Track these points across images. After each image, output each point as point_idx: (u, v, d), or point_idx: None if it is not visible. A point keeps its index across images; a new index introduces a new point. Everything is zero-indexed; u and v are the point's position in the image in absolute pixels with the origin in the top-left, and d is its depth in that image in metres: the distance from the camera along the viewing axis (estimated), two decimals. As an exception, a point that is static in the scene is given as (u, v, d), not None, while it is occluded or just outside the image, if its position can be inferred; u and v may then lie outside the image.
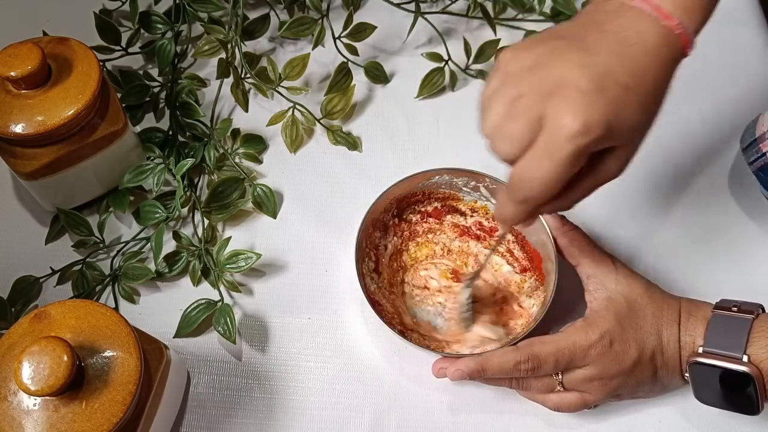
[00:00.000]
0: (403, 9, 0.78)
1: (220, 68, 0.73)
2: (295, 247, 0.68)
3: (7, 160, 0.62)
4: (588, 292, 0.59)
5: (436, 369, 0.59)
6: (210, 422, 0.62)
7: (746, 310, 0.56)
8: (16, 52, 0.58)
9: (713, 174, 0.72)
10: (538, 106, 0.45)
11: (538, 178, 0.46)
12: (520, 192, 0.48)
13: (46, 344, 0.47)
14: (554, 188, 0.47)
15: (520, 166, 0.47)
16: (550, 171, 0.45)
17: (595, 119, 0.44)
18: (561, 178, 0.46)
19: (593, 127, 0.44)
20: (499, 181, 0.64)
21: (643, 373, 0.57)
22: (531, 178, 0.46)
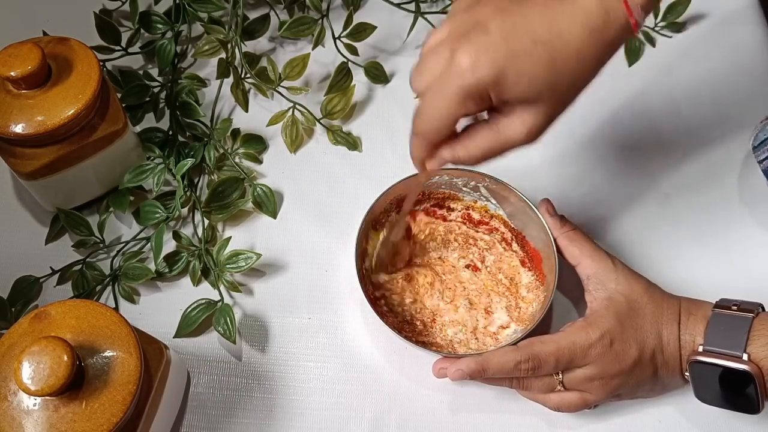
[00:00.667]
0: (403, 9, 0.78)
1: (220, 68, 0.73)
2: (295, 247, 0.68)
3: (7, 160, 0.62)
4: (588, 292, 0.59)
5: (437, 369, 0.59)
6: (210, 422, 0.62)
7: (746, 309, 0.56)
8: (16, 52, 0.58)
9: (713, 174, 0.72)
10: (452, 44, 0.46)
11: (429, 111, 0.48)
12: (416, 124, 0.49)
13: (46, 344, 0.47)
14: (443, 124, 0.48)
15: (420, 100, 0.48)
16: (439, 106, 0.47)
17: (486, 60, 0.45)
18: (449, 113, 0.47)
19: (482, 66, 0.45)
20: (500, 181, 0.64)
21: (644, 372, 0.57)
22: (423, 111, 0.48)
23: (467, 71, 0.45)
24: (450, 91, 0.46)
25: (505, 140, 0.49)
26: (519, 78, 0.46)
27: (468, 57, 0.45)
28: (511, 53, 0.45)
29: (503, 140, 0.49)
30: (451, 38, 0.47)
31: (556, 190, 0.69)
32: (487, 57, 0.45)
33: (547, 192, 0.66)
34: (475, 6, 0.48)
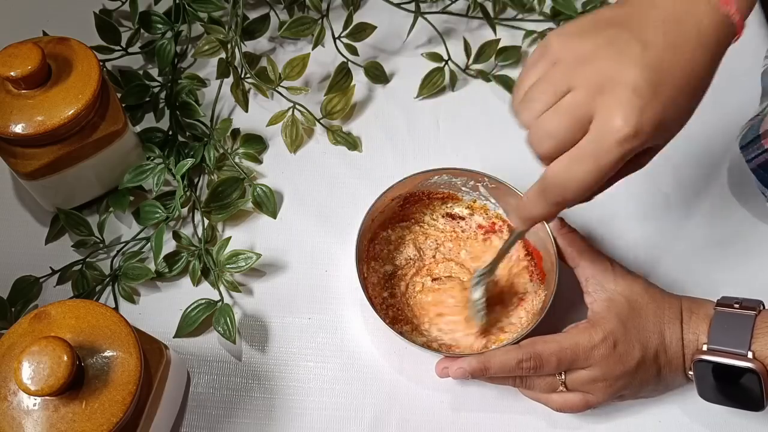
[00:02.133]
0: (403, 9, 0.78)
1: (220, 68, 0.73)
2: (295, 247, 0.68)
3: (7, 160, 0.62)
4: (587, 294, 0.59)
5: (440, 369, 0.59)
6: (210, 422, 0.62)
7: (748, 306, 0.56)
8: (16, 52, 0.58)
9: (713, 174, 0.72)
10: (588, 103, 0.43)
11: (578, 181, 0.44)
12: (555, 193, 0.46)
13: (46, 344, 0.47)
14: (592, 191, 0.45)
15: (559, 166, 0.45)
16: (593, 174, 0.43)
17: (647, 123, 0.42)
18: (601, 181, 0.44)
19: (644, 131, 0.42)
20: (498, 180, 0.64)
21: (647, 372, 0.57)
22: (571, 180, 0.44)
23: (631, 138, 0.42)
24: (609, 158, 0.43)
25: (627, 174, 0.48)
26: (668, 129, 0.45)
27: (627, 122, 0.42)
28: (662, 109, 0.43)
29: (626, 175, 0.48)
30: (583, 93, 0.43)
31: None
32: (647, 119, 0.42)
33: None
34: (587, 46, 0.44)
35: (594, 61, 0.44)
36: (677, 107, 0.44)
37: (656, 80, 0.43)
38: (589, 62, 0.44)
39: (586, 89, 0.43)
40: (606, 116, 0.43)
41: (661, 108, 0.43)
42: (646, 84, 0.42)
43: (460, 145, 0.74)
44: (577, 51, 0.45)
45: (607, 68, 0.43)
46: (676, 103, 0.44)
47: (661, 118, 0.43)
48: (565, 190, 0.45)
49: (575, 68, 0.44)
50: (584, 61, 0.44)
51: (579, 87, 0.44)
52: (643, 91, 0.42)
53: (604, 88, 0.43)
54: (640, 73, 0.43)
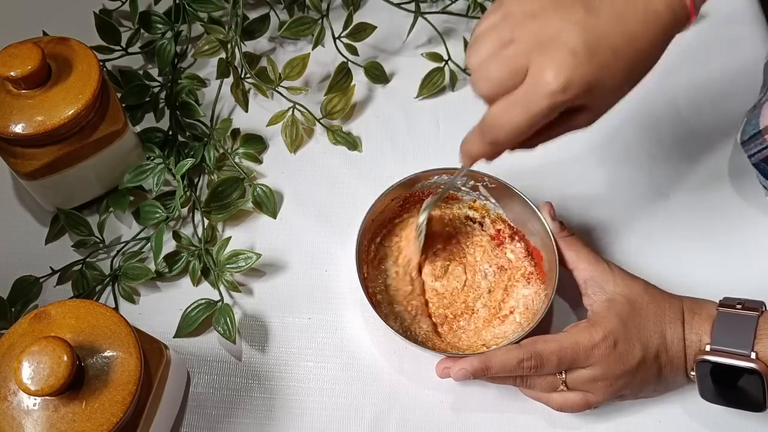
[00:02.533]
0: (403, 9, 0.78)
1: (220, 68, 0.73)
2: (295, 247, 0.68)
3: (7, 160, 0.62)
4: (587, 296, 0.60)
5: (440, 369, 0.59)
6: (210, 422, 0.62)
7: (750, 307, 0.56)
8: (16, 52, 0.58)
9: (713, 174, 0.72)
10: (526, 55, 0.46)
11: (510, 124, 0.48)
12: (491, 133, 0.49)
13: (46, 344, 0.47)
14: (524, 136, 0.48)
15: (495, 109, 0.48)
16: (523, 120, 0.47)
17: (576, 80, 0.45)
18: (532, 127, 0.47)
19: (573, 87, 0.45)
20: (498, 180, 0.64)
21: (648, 372, 0.57)
22: (503, 123, 0.48)
23: (559, 92, 0.45)
24: (538, 108, 0.46)
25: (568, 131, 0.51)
26: (601, 91, 0.47)
27: (557, 76, 0.45)
28: (595, 70, 0.46)
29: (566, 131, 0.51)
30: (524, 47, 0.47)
31: (556, 190, 0.69)
32: (578, 77, 0.45)
33: (547, 192, 0.66)
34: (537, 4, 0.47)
35: (539, 18, 0.47)
36: (612, 73, 0.47)
37: (593, 44, 0.46)
38: (535, 19, 0.47)
39: (526, 43, 0.47)
40: (540, 69, 0.46)
41: (594, 70, 0.46)
42: (582, 46, 0.45)
43: (460, 145, 0.74)
44: (526, 7, 0.48)
45: (549, 26, 0.46)
46: (612, 69, 0.46)
47: (592, 79, 0.46)
48: (500, 131, 0.49)
49: (521, 22, 0.48)
50: (531, 17, 0.47)
51: (521, 40, 0.47)
52: (578, 51, 0.45)
53: (543, 45, 0.46)
54: (579, 34, 0.46)
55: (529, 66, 0.46)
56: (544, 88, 0.46)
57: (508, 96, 0.47)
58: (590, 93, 0.46)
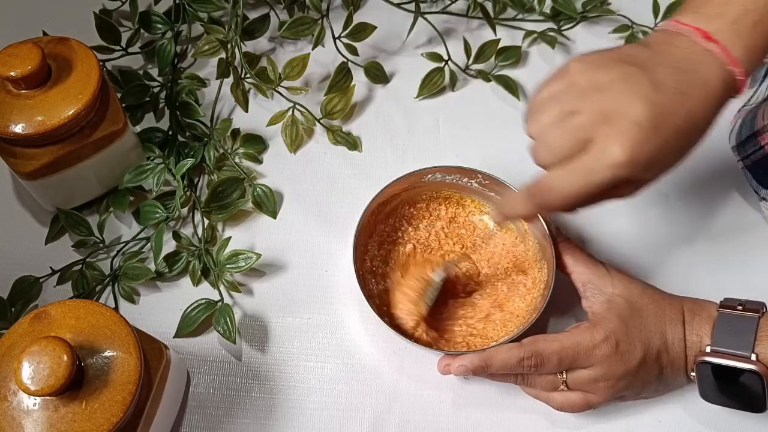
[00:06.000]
0: (403, 9, 0.78)
1: (220, 68, 0.73)
2: (295, 247, 0.68)
3: (7, 160, 0.62)
4: (586, 299, 0.60)
5: (442, 366, 0.59)
6: (210, 422, 0.62)
7: (751, 308, 0.56)
8: (16, 52, 0.58)
9: (712, 174, 0.72)
10: (592, 128, 0.46)
11: (567, 191, 0.47)
12: (543, 197, 0.49)
13: (46, 344, 0.47)
14: (575, 204, 0.48)
15: (553, 175, 0.48)
16: (581, 189, 0.47)
17: (642, 156, 0.45)
18: (587, 197, 0.47)
19: (638, 162, 0.45)
20: (492, 176, 0.64)
21: (649, 373, 0.57)
22: (559, 189, 0.48)
23: (624, 165, 0.45)
24: (600, 179, 0.46)
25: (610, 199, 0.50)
26: (659, 165, 0.48)
27: (623, 150, 0.45)
28: (658, 147, 0.46)
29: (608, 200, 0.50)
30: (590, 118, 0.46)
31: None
32: (642, 153, 0.45)
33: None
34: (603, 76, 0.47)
35: (606, 91, 0.47)
36: (672, 148, 0.47)
37: (659, 119, 0.46)
38: (601, 91, 0.47)
39: (592, 115, 0.46)
40: (606, 141, 0.46)
41: (658, 146, 0.46)
42: (648, 121, 0.45)
43: (460, 145, 0.74)
44: (593, 79, 0.48)
45: (616, 100, 0.46)
46: (673, 144, 0.47)
47: (655, 155, 0.46)
48: (554, 196, 0.48)
49: (587, 94, 0.47)
50: (597, 89, 0.47)
51: (586, 112, 0.47)
52: (645, 126, 0.45)
53: (610, 118, 0.46)
54: (646, 109, 0.45)
55: (593, 137, 0.46)
56: (608, 160, 0.45)
57: (569, 164, 0.47)
58: (650, 168, 0.47)
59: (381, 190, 0.63)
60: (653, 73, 0.47)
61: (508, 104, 0.76)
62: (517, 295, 0.64)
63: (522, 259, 0.66)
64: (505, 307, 0.64)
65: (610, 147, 0.45)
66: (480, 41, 0.76)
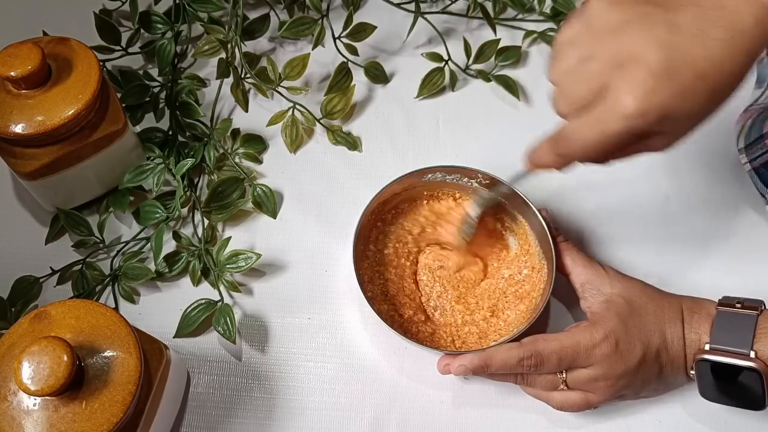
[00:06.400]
0: (403, 9, 0.78)
1: (220, 68, 0.73)
2: (295, 247, 0.68)
3: (7, 160, 0.62)
4: (584, 299, 0.60)
5: (442, 365, 0.59)
6: (210, 422, 0.62)
7: (750, 306, 0.56)
8: (16, 52, 0.58)
9: (713, 174, 0.72)
10: (606, 74, 0.44)
11: (584, 142, 0.46)
12: (563, 147, 0.48)
13: (46, 344, 0.47)
14: (596, 154, 0.47)
15: (571, 125, 0.47)
16: (597, 140, 0.46)
17: (654, 106, 0.43)
18: (605, 148, 0.46)
19: (650, 113, 0.43)
20: (492, 176, 0.64)
21: (649, 372, 0.57)
22: (577, 139, 0.47)
23: (636, 116, 0.43)
24: (613, 130, 0.44)
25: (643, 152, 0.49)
26: (681, 116, 0.45)
27: (634, 100, 0.43)
28: (677, 92, 0.43)
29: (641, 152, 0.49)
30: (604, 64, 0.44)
31: (555, 191, 0.69)
32: (656, 101, 0.43)
33: (546, 192, 0.66)
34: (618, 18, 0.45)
35: (620, 34, 0.45)
36: (693, 97, 0.44)
37: (674, 64, 0.43)
38: (616, 34, 0.45)
39: (606, 61, 0.45)
40: (617, 91, 0.44)
41: (674, 94, 0.43)
42: (662, 66, 0.43)
43: (461, 145, 0.74)
44: (610, 20, 0.46)
45: (630, 44, 0.44)
46: (692, 92, 0.44)
47: (670, 104, 0.43)
48: (573, 145, 0.47)
49: (602, 37, 0.46)
50: (612, 31, 0.45)
51: (601, 57, 0.45)
52: (658, 72, 0.43)
53: (623, 64, 0.44)
54: (660, 53, 0.43)
55: (608, 85, 0.44)
56: (620, 111, 0.44)
57: (586, 113, 0.46)
58: (668, 119, 0.44)
59: (381, 190, 0.63)
60: (673, 12, 0.44)
61: (508, 104, 0.76)
62: (517, 295, 0.64)
63: (522, 259, 0.66)
64: (505, 306, 0.64)
65: (621, 97, 0.43)
66: (480, 41, 0.76)
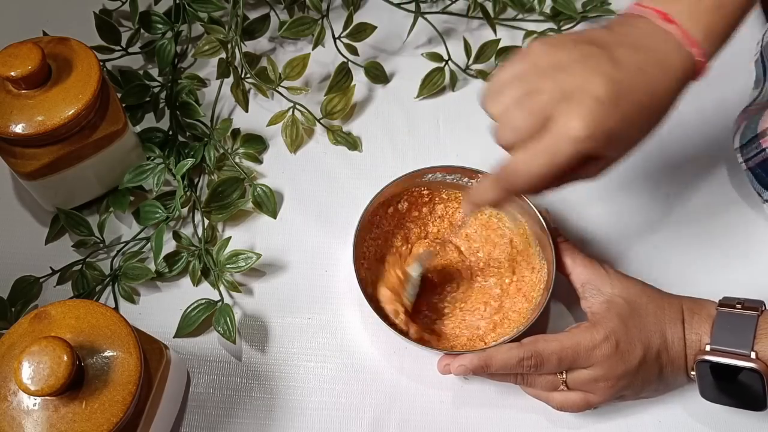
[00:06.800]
0: (403, 9, 0.78)
1: (220, 68, 0.73)
2: (295, 247, 0.68)
3: (7, 160, 0.62)
4: (585, 299, 0.60)
5: (442, 365, 0.59)
6: (210, 422, 0.62)
7: (750, 307, 0.56)
8: (16, 52, 0.58)
9: (713, 174, 0.72)
10: (552, 106, 0.47)
11: (532, 172, 0.48)
12: (509, 181, 0.50)
13: (46, 344, 0.47)
14: (542, 184, 0.48)
15: (517, 158, 0.48)
16: (545, 168, 0.47)
17: (602, 130, 0.46)
18: (552, 175, 0.47)
19: (599, 135, 0.46)
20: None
21: (649, 372, 0.57)
22: (524, 171, 0.48)
23: (584, 140, 0.46)
24: (563, 155, 0.46)
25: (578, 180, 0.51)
26: (623, 141, 0.48)
27: (584, 124, 0.45)
28: (620, 121, 0.46)
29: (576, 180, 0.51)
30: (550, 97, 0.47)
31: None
32: (603, 127, 0.46)
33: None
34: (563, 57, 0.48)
35: (566, 70, 0.47)
36: (633, 124, 0.48)
37: (619, 95, 0.46)
38: (562, 71, 0.48)
39: (552, 93, 0.47)
40: (566, 117, 0.46)
41: (618, 120, 0.46)
42: (608, 96, 0.46)
43: (461, 145, 0.74)
44: (554, 59, 0.48)
45: (576, 78, 0.47)
46: (634, 119, 0.47)
47: (615, 129, 0.46)
48: (520, 178, 0.49)
49: (548, 74, 0.48)
50: (557, 69, 0.48)
51: (547, 90, 0.47)
52: (605, 101, 0.46)
53: (570, 96, 0.46)
54: (606, 85, 0.46)
55: (555, 115, 0.46)
56: (570, 134, 0.46)
57: (531, 144, 0.47)
58: (612, 143, 0.47)
59: (381, 190, 0.63)
60: (613, 52, 0.48)
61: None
62: (517, 295, 0.64)
63: (522, 259, 0.66)
64: (505, 307, 0.64)
65: (570, 122, 0.46)
66: (480, 41, 0.76)
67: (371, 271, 0.65)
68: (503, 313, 0.64)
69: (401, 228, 0.67)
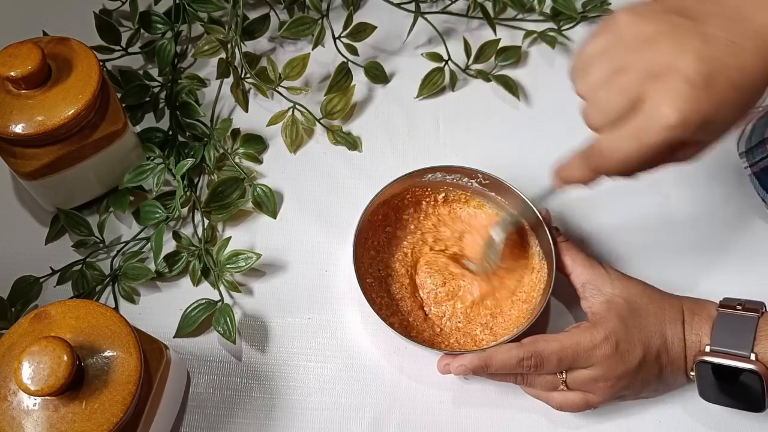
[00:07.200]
0: (403, 9, 0.78)
1: (220, 68, 0.73)
2: (295, 247, 0.68)
3: (7, 160, 0.62)
4: (585, 299, 0.60)
5: (441, 365, 0.59)
6: (210, 422, 0.62)
7: (750, 308, 0.56)
8: (16, 52, 0.58)
9: (713, 174, 0.72)
10: (641, 85, 0.44)
11: (621, 156, 0.46)
12: (597, 161, 0.48)
13: (46, 344, 0.47)
14: (630, 167, 0.46)
15: (606, 138, 0.46)
16: (635, 153, 0.45)
17: (695, 115, 0.43)
18: (642, 160, 0.45)
19: (691, 122, 0.43)
20: (492, 176, 0.64)
21: (649, 372, 0.57)
22: (613, 153, 0.46)
23: (676, 126, 0.43)
24: (652, 141, 0.44)
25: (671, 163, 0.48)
26: (717, 124, 0.45)
27: (674, 110, 0.43)
28: (713, 103, 0.43)
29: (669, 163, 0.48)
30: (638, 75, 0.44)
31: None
32: (695, 112, 0.43)
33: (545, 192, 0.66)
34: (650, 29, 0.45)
35: (654, 45, 0.45)
36: (727, 105, 0.44)
37: (711, 74, 0.43)
38: (649, 46, 0.45)
39: (640, 73, 0.44)
40: (656, 101, 0.43)
41: (711, 103, 0.43)
42: (700, 76, 0.43)
43: (461, 145, 0.74)
44: (641, 32, 0.45)
45: (665, 55, 0.44)
46: (727, 100, 0.44)
47: (708, 113, 0.43)
48: (607, 160, 0.47)
49: (635, 49, 0.45)
50: (645, 43, 0.45)
51: (635, 69, 0.45)
52: (696, 82, 0.43)
53: (659, 74, 0.44)
54: (696, 64, 0.43)
55: (644, 97, 0.44)
56: (660, 121, 0.43)
57: (621, 126, 0.45)
58: (705, 128, 0.44)
59: (381, 190, 0.63)
60: (704, 24, 0.44)
61: (508, 104, 0.76)
62: (517, 295, 0.64)
63: (522, 259, 0.66)
64: (505, 306, 0.64)
65: (660, 107, 0.43)
66: (480, 41, 0.76)
67: (372, 272, 0.65)
68: (503, 313, 0.64)
69: (402, 228, 0.67)
